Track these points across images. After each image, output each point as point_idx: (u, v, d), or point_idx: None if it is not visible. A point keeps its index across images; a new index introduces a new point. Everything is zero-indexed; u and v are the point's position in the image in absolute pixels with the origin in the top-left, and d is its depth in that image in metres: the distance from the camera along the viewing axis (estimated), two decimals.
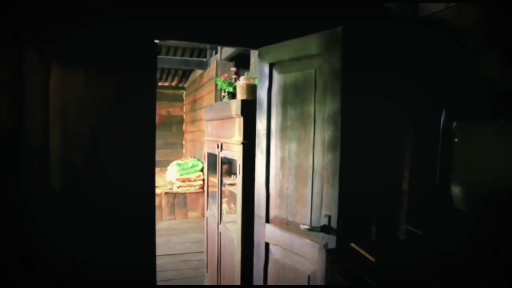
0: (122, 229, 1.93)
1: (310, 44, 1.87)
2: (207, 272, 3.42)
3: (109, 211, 1.90)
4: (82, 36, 1.83)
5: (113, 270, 1.90)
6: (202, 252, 4.24)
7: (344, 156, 1.70)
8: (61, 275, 1.82)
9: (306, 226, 1.84)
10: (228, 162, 3.01)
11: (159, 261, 2.19)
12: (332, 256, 1.67)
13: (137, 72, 1.91)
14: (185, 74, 7.76)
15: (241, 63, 4.21)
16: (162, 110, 7.80)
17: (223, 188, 2.92)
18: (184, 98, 8.35)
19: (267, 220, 2.13)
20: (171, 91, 8.15)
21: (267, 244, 2.15)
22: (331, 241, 1.74)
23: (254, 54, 3.68)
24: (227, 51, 5.08)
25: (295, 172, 1.95)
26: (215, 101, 5.42)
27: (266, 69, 2.11)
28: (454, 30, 1.69)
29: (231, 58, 5.05)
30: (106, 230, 1.91)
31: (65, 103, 1.82)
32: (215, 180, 3.08)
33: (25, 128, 1.76)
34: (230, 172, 3.10)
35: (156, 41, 1.96)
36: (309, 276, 1.90)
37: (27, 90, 1.76)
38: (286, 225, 2.02)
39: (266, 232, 2.14)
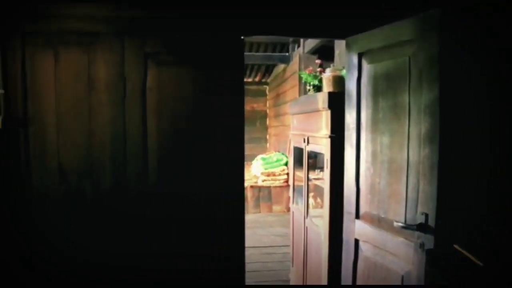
0: (209, 228, 2.01)
1: (403, 30, 1.75)
2: (292, 265, 3.42)
3: (197, 209, 1.99)
4: (175, 37, 1.93)
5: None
6: (287, 245, 4.27)
7: (444, 150, 1.56)
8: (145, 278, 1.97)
9: (400, 224, 1.74)
10: (314, 156, 2.97)
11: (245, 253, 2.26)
12: (432, 258, 1.55)
13: (225, 68, 1.97)
14: (268, 69, 7.85)
15: (324, 55, 4.13)
16: (246, 105, 7.86)
17: (309, 182, 2.89)
18: (267, 93, 8.46)
19: (357, 216, 2.06)
20: (254, 87, 8.30)
21: (356, 241, 2.08)
22: (428, 240, 1.62)
23: (338, 45, 3.58)
24: (310, 44, 5.02)
25: (388, 166, 1.86)
26: (299, 95, 5.39)
27: (355, 59, 2.03)
28: None
29: (314, 51, 4.98)
30: (195, 227, 2.01)
31: (159, 101, 1.95)
32: (300, 174, 3.07)
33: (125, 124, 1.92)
34: (315, 166, 3.06)
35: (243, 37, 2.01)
36: (402, 277, 1.79)
37: (128, 89, 1.92)
38: (378, 221, 1.93)
39: (355, 229, 2.07)
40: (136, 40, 1.91)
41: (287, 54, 6.43)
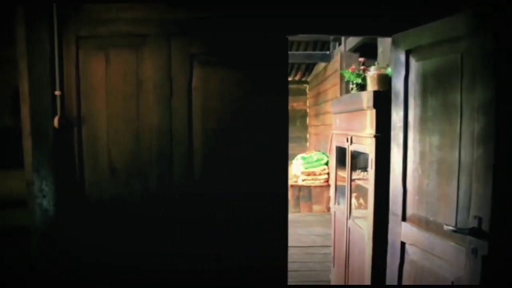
0: (252, 227, 2.02)
1: (455, 25, 1.68)
2: (333, 266, 3.38)
3: (240, 208, 2.01)
4: (220, 37, 1.96)
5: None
6: (327, 246, 4.22)
7: (500, 150, 1.48)
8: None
9: (451, 227, 1.66)
10: (357, 156, 2.91)
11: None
12: (490, 266, 1.47)
13: (270, 68, 1.97)
14: (308, 68, 7.78)
15: (367, 53, 4.04)
16: None
17: (352, 183, 2.84)
18: (307, 92, 8.39)
19: (404, 218, 2.00)
20: (294, 86, 8.26)
21: (402, 244, 2.02)
22: (482, 246, 1.55)
23: (382, 43, 3.48)
24: (351, 41, 4.92)
25: (437, 167, 1.79)
26: (340, 93, 5.31)
27: (402, 57, 1.97)
28: None
29: (355, 49, 4.89)
30: (238, 227, 2.02)
31: (204, 100, 1.98)
32: (342, 174, 3.02)
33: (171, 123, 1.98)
34: (358, 166, 3.00)
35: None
36: (452, 282, 1.72)
37: (174, 89, 1.97)
38: (426, 224, 1.86)
39: (402, 231, 2.01)
40: (182, 41, 1.95)
41: (327, 52, 6.35)
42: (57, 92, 1.94)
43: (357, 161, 3.00)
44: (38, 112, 1.95)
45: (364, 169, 2.86)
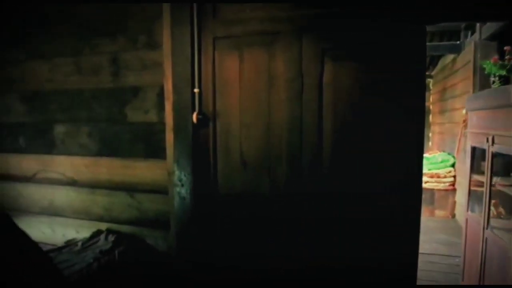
0: (378, 229, 1.93)
1: None
2: (462, 279, 3.07)
3: (368, 209, 1.93)
4: (352, 30, 1.90)
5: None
6: (452, 256, 3.86)
7: None
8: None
9: None
10: (501, 158, 2.58)
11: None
12: None
13: (405, 62, 1.84)
14: (433, 61, 7.16)
15: (507, 41, 3.54)
16: None
17: (491, 188, 2.53)
18: (430, 87, 7.75)
19: None
20: None
21: None
22: None
23: None
24: (489, 28, 4.36)
25: None
26: (473, 88, 4.77)
27: None
28: None
29: (493, 37, 4.32)
30: (364, 228, 1.95)
31: (335, 96, 1.95)
32: (480, 178, 2.71)
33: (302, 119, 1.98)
34: (496, 169, 2.65)
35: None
36: None
37: (305, 85, 1.97)
38: None
39: None
40: (313, 37, 1.95)
41: (458, 42, 5.75)
42: (196, 90, 2.11)
43: (497, 164, 2.66)
44: (180, 108, 2.14)
45: (508, 173, 2.53)
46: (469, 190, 3.01)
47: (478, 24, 4.70)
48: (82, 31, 2.49)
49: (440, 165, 5.47)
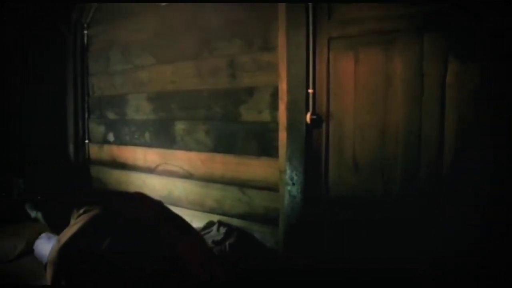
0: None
1: None
2: None
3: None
4: (479, 25, 1.75)
5: None
6: None
7: None
8: None
9: None
10: None
11: None
12: None
13: None
14: None
15: None
16: None
17: None
18: None
19: None
20: None
21: None
22: None
23: None
24: None
25: None
26: None
27: None
28: None
29: None
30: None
31: (459, 98, 1.80)
32: None
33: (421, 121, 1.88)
34: None
35: None
36: None
37: (426, 86, 1.87)
38: None
39: None
40: (437, 34, 1.83)
41: None
42: (310, 90, 2.13)
43: None
44: (294, 108, 2.19)
45: None
46: None
47: None
48: (203, 35, 2.69)
49: None
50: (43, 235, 2.67)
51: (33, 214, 1.80)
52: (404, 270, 1.94)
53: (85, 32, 3.63)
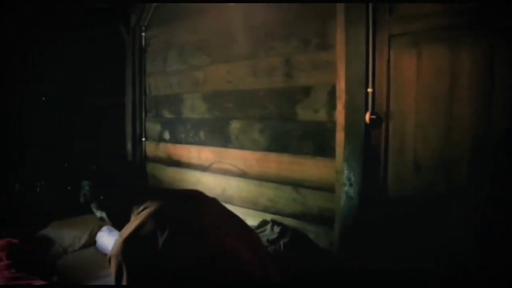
0: None
1: None
2: None
3: None
4: None
5: None
6: None
7: None
8: None
9: None
10: None
11: None
12: None
13: None
14: None
15: None
16: None
17: None
18: None
19: None
20: None
21: None
22: None
23: None
24: None
25: None
26: None
27: None
28: None
29: None
30: None
31: None
32: None
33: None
34: None
35: None
36: None
37: (496, 84, 1.76)
38: None
39: None
40: (506, 30, 1.72)
41: None
42: (370, 90, 2.08)
43: None
44: (352, 108, 2.15)
45: None
46: None
47: None
48: (258, 35, 2.71)
49: None
50: (104, 228, 2.82)
51: (98, 214, 1.89)
52: (462, 271, 1.85)
53: (143, 34, 3.79)
